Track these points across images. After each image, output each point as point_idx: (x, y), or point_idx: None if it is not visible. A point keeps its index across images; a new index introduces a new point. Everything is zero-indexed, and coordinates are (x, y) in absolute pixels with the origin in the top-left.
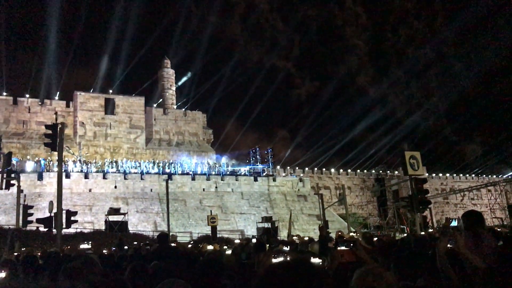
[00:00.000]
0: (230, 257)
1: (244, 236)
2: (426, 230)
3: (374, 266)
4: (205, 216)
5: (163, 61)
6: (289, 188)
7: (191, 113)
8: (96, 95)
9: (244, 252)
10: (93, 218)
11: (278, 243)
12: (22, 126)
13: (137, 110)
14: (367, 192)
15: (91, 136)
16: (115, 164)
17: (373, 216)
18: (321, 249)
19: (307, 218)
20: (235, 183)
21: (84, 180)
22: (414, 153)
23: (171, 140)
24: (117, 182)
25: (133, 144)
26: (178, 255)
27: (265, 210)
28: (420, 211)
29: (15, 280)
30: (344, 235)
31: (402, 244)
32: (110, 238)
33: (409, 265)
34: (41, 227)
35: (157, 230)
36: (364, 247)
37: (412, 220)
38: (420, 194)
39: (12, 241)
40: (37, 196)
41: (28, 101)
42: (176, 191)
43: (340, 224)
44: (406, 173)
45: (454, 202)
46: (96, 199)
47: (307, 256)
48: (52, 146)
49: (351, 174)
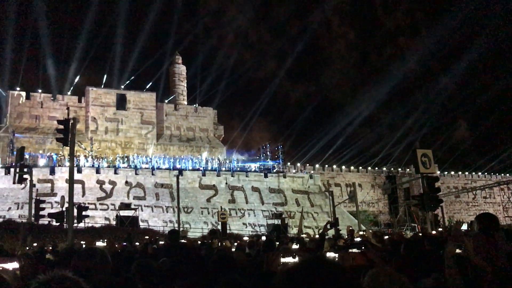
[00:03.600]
0: (239, 254)
1: (254, 232)
2: (437, 228)
3: (386, 267)
4: (215, 212)
5: (175, 57)
6: (299, 184)
7: (202, 109)
8: (108, 90)
9: (253, 249)
10: (104, 213)
11: (288, 240)
12: (35, 121)
13: (148, 105)
14: (378, 189)
15: (103, 131)
16: (126, 159)
17: (383, 214)
18: (319, 247)
19: (317, 215)
20: (246, 179)
21: (96, 175)
22: (426, 151)
23: (182, 135)
24: (128, 177)
25: (144, 140)
26: (187, 251)
27: (275, 207)
28: (432, 209)
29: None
30: (354, 231)
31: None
32: (120, 233)
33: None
34: (53, 222)
35: (167, 225)
36: (374, 245)
37: (423, 218)
38: (432, 193)
39: (25, 235)
40: (49, 191)
41: (40, 96)
42: (186, 186)
43: (350, 221)
44: (418, 171)
45: (466, 200)
46: (107, 194)
47: (322, 255)
48: (64, 141)
49: (362, 171)
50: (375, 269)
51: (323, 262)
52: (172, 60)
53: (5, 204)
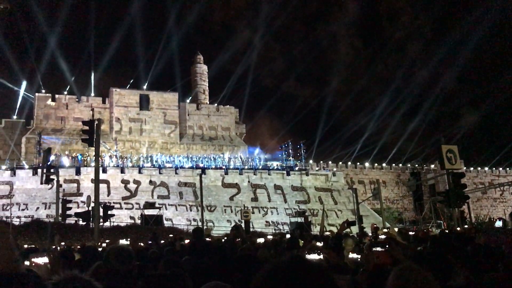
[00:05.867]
0: (264, 252)
1: (277, 230)
2: (464, 225)
3: (412, 264)
4: (238, 210)
5: (196, 56)
6: (322, 182)
7: (224, 108)
8: (131, 91)
9: (277, 247)
10: (129, 212)
11: (311, 238)
12: (61, 122)
13: (171, 105)
14: (402, 186)
15: (127, 132)
16: (150, 158)
17: (408, 211)
18: (335, 247)
19: (341, 213)
20: (268, 177)
21: (121, 174)
22: (451, 147)
23: (204, 134)
24: (152, 176)
25: (167, 139)
26: (212, 250)
27: (297, 205)
28: (458, 206)
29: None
30: (379, 229)
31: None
32: (145, 232)
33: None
34: (80, 221)
35: (191, 223)
36: (400, 242)
37: (449, 215)
38: (458, 189)
39: (52, 234)
40: (75, 191)
41: (65, 98)
42: (209, 185)
43: (374, 219)
44: (443, 167)
45: (494, 196)
46: (132, 193)
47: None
48: (89, 141)
49: (386, 168)
50: (400, 267)
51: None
52: (194, 60)
53: (33, 204)
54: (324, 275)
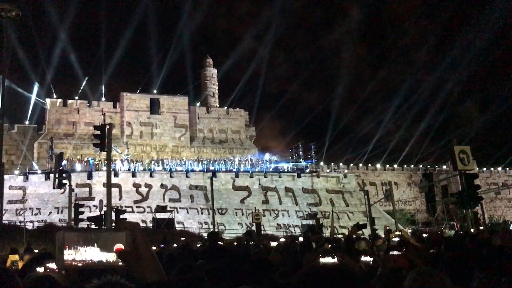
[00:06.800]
0: (276, 255)
1: (289, 233)
2: (478, 227)
3: (428, 267)
4: (249, 213)
5: (205, 60)
6: (333, 184)
7: (234, 111)
8: (141, 95)
9: (290, 250)
10: (141, 215)
11: (324, 241)
12: (72, 127)
13: (181, 109)
14: (415, 187)
15: (138, 136)
16: (161, 162)
17: (421, 212)
18: (347, 251)
19: (353, 215)
20: (279, 180)
21: (132, 178)
22: (464, 148)
23: (215, 138)
24: (163, 180)
25: (178, 143)
26: (226, 254)
27: (309, 207)
28: (471, 207)
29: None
30: (392, 231)
31: (453, 242)
32: (157, 235)
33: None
34: (92, 225)
35: (202, 226)
36: (415, 245)
37: (462, 216)
38: (471, 190)
39: None
40: (87, 195)
41: (77, 102)
42: (220, 188)
43: (387, 220)
44: (456, 168)
45: (508, 197)
46: (143, 197)
47: (352, 265)
48: (101, 146)
49: (398, 169)
50: (416, 270)
51: (348, 270)
52: (203, 63)
53: (46, 209)
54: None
